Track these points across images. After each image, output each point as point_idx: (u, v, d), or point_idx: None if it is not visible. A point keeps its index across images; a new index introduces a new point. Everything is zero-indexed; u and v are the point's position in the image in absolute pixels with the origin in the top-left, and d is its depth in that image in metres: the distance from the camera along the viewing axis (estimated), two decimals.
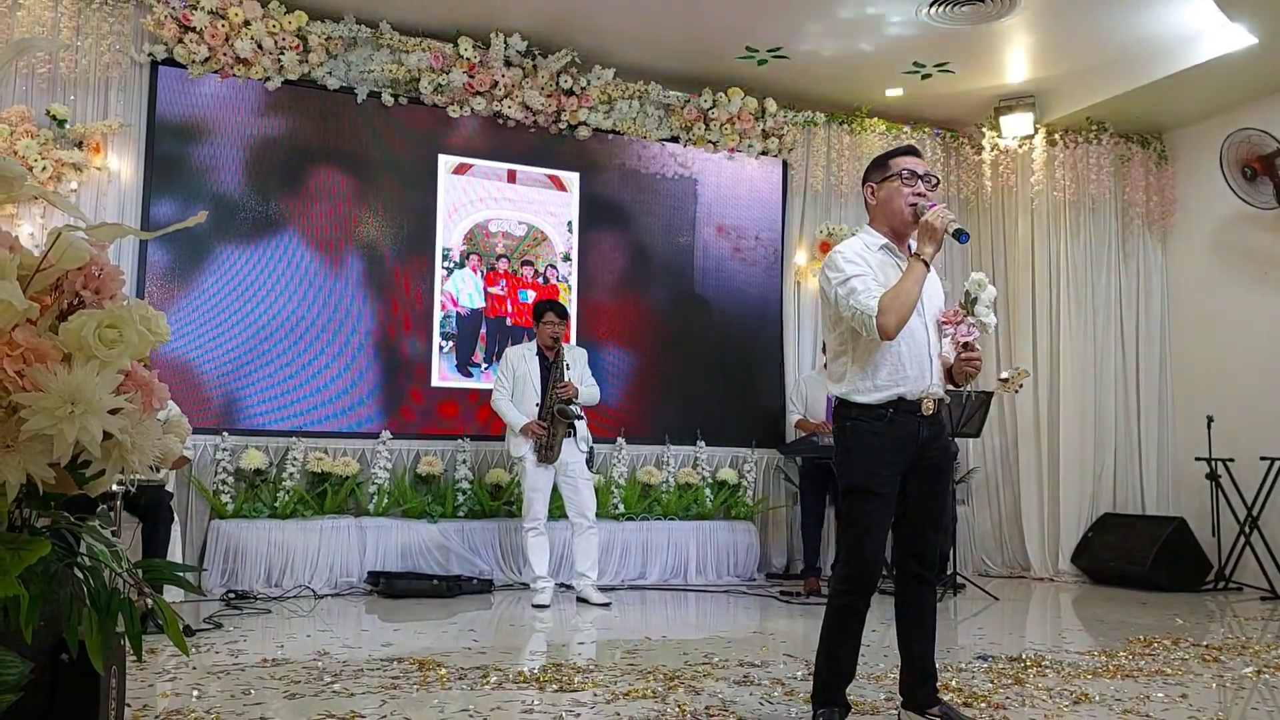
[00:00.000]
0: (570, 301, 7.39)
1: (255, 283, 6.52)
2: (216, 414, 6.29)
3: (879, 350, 3.04)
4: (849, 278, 3.03)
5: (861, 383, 3.07)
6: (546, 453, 5.99)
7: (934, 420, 3.10)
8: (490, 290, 7.31)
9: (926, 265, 3.02)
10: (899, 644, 3.19)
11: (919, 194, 3.09)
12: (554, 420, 6.00)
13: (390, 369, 6.85)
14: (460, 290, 7.22)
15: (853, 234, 4.35)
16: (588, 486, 6.15)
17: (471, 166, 7.34)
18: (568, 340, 6.45)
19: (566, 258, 7.55)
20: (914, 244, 3.11)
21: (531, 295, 7.30)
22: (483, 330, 7.25)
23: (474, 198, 7.35)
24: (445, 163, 7.25)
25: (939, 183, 3.22)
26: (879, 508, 3.03)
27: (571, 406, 6.01)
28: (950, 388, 3.22)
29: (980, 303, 3.09)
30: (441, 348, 7.09)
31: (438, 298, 7.11)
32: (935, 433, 3.12)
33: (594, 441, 6.33)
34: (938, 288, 3.23)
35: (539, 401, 6.08)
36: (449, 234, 7.21)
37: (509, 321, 7.32)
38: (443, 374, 7.07)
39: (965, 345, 3.10)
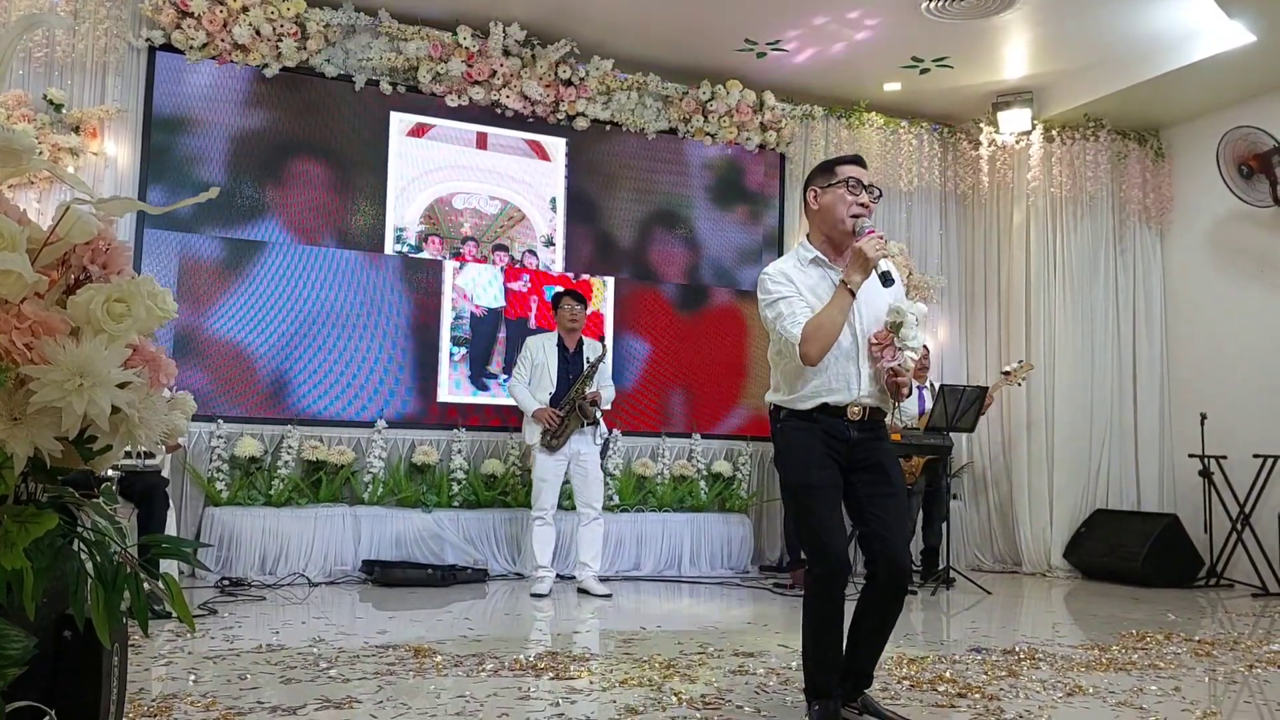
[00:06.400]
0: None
1: (245, 272, 6.47)
2: (211, 401, 6.26)
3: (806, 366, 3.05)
4: (775, 300, 3.06)
5: (790, 395, 3.12)
6: (553, 440, 6.03)
7: (863, 424, 3.09)
8: (511, 286, 6.79)
9: (852, 294, 2.98)
10: (848, 637, 3.13)
11: (863, 204, 3.05)
12: (570, 412, 6.04)
13: (388, 359, 6.79)
14: (475, 288, 6.75)
15: None
16: (597, 477, 6.21)
17: (431, 128, 6.65)
18: (592, 335, 6.20)
19: (549, 242, 6.99)
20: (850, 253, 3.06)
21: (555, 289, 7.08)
22: (501, 334, 6.77)
23: (433, 167, 6.63)
24: (398, 123, 6.58)
25: (881, 195, 3.20)
26: (825, 499, 3.04)
27: (593, 408, 6.08)
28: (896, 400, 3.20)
29: (905, 326, 3.04)
30: (453, 354, 6.72)
31: (448, 296, 6.67)
32: (867, 435, 3.10)
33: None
34: (881, 295, 3.10)
35: (553, 391, 6.11)
36: (400, 210, 6.55)
37: (532, 323, 6.90)
38: (452, 386, 6.75)
39: (891, 370, 3.07)
